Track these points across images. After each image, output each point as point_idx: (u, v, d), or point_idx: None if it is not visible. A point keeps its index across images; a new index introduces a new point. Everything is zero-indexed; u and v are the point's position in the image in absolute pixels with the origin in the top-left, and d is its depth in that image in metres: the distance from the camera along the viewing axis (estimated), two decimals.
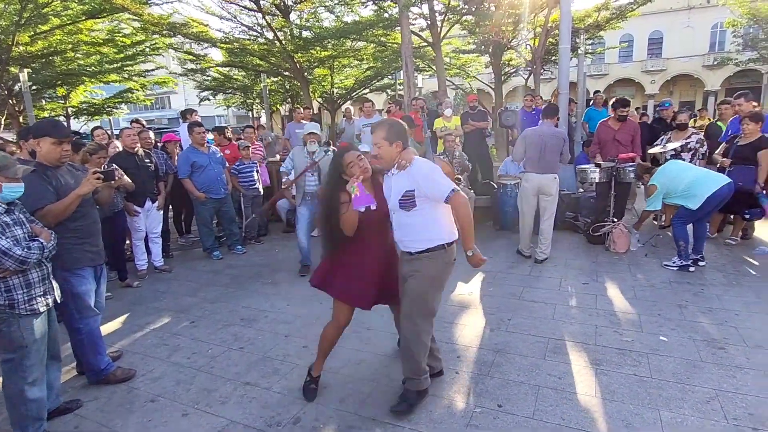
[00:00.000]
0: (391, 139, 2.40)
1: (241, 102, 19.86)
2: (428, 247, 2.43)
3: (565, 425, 2.39)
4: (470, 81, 17.58)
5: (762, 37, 21.15)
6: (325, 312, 3.95)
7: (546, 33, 11.06)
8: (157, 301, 4.48)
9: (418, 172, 2.37)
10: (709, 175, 4.58)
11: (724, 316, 3.54)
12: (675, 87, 32.79)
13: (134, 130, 5.19)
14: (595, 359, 3.02)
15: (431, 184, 2.35)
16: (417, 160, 2.43)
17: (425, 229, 2.43)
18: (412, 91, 8.75)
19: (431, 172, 2.38)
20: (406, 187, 2.39)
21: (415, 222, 2.42)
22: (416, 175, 2.37)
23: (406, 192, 2.38)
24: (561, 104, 6.64)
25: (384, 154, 2.43)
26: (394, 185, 2.45)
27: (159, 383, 3.02)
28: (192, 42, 12.50)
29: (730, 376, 2.75)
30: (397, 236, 2.54)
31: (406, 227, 2.46)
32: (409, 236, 2.47)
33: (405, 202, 2.39)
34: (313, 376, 2.81)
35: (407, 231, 2.46)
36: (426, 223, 2.42)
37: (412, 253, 2.48)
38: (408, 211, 2.41)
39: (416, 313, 2.48)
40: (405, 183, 2.40)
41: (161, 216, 5.35)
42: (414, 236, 2.45)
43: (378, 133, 2.42)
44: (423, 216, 2.40)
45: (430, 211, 2.41)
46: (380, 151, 2.42)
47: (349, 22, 11.56)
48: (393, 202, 2.46)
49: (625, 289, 4.18)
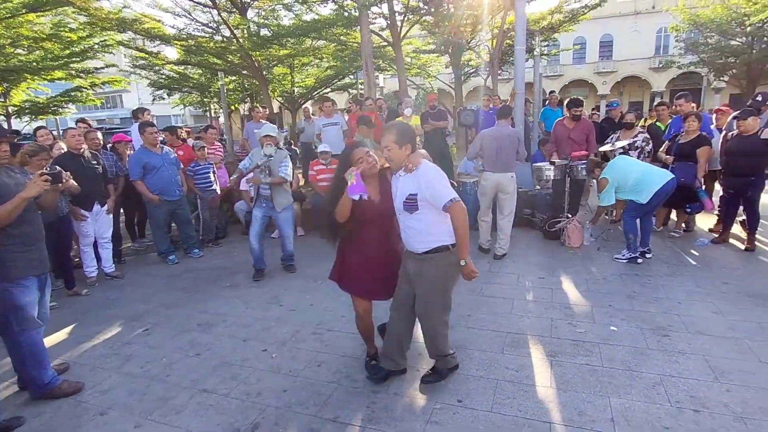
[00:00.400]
0: (400, 142, 2.46)
1: (198, 101, 19.25)
2: (434, 247, 2.51)
3: (522, 416, 2.46)
4: (431, 81, 17.80)
5: (702, 42, 22.49)
6: (285, 314, 3.92)
7: (503, 34, 11.35)
8: (108, 309, 4.28)
9: (423, 177, 2.43)
10: (656, 170, 4.83)
11: (668, 305, 3.74)
12: (625, 88, 34.42)
13: (79, 131, 4.91)
14: (550, 351, 3.11)
15: (432, 191, 2.41)
16: (425, 164, 2.49)
17: (428, 231, 2.50)
18: (372, 90, 8.76)
19: (435, 178, 2.43)
20: (410, 191, 2.46)
21: (417, 225, 2.50)
22: (421, 180, 2.43)
23: (409, 195, 2.46)
24: (517, 104, 6.84)
25: (393, 157, 2.49)
26: (400, 187, 2.53)
27: (109, 395, 2.89)
28: (144, 39, 12.01)
29: (673, 362, 2.90)
30: (403, 237, 2.63)
31: (410, 229, 2.55)
32: (414, 237, 2.54)
33: (408, 205, 2.47)
34: (370, 354, 2.98)
35: (411, 233, 2.55)
36: (428, 226, 2.49)
37: (418, 253, 2.56)
38: (411, 214, 2.48)
39: (430, 312, 2.62)
40: (410, 186, 2.47)
41: (111, 220, 5.11)
42: (418, 237, 2.53)
43: (388, 137, 2.48)
44: (425, 219, 2.48)
45: (432, 215, 2.47)
46: (390, 153, 2.49)
47: (308, 20, 11.43)
48: (398, 203, 2.54)
49: (579, 282, 4.34)
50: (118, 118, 38.03)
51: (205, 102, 19.14)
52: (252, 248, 4.83)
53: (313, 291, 4.44)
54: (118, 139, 6.18)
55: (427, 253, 2.52)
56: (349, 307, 3.95)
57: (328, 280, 2.97)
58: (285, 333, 3.58)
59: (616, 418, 2.40)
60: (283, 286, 4.62)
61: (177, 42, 11.54)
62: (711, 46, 22.03)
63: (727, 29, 20.63)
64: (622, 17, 32.49)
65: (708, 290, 3.99)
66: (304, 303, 4.16)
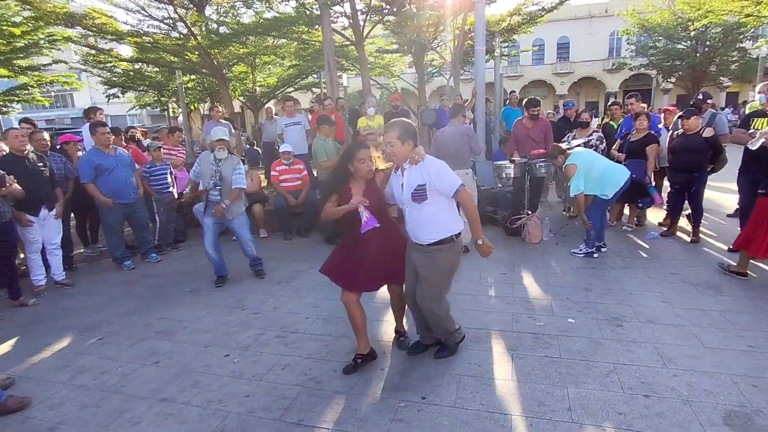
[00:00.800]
0: (403, 138, 2.61)
1: (155, 100, 18.55)
2: (440, 239, 2.67)
3: (484, 410, 2.51)
4: (394, 80, 17.88)
5: (651, 45, 23.64)
6: (248, 318, 3.85)
7: (464, 35, 11.53)
8: (59, 320, 4.06)
9: (430, 168, 2.61)
10: (617, 166, 5.01)
11: (621, 296, 3.91)
12: (581, 88, 35.76)
13: (23, 131, 4.65)
14: (511, 345, 3.19)
15: (441, 179, 2.60)
16: (428, 157, 2.69)
17: (435, 220, 2.66)
18: (335, 90, 8.71)
19: (441, 167, 2.65)
20: (418, 182, 2.61)
21: (425, 214, 2.66)
22: (429, 170, 2.60)
23: (418, 186, 2.61)
24: (478, 103, 6.97)
25: (397, 152, 2.64)
26: (407, 180, 2.66)
27: (60, 409, 2.74)
28: (95, 35, 11.47)
29: (626, 350, 3.04)
30: (410, 228, 2.76)
31: (417, 219, 2.69)
32: (421, 228, 2.69)
33: (417, 195, 2.62)
34: (363, 354, 2.99)
35: (419, 223, 2.69)
36: (436, 215, 2.66)
37: (425, 244, 2.70)
38: (419, 204, 2.63)
39: (430, 299, 2.79)
40: (417, 178, 2.62)
41: (60, 225, 4.85)
42: (425, 228, 2.68)
43: (391, 133, 2.62)
44: (433, 208, 2.64)
45: (439, 203, 2.65)
46: (393, 149, 2.63)
47: (269, 18, 11.23)
48: (406, 195, 2.66)
49: (538, 276, 4.47)
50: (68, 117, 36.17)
51: (162, 101, 18.46)
52: (210, 258, 4.64)
53: (277, 294, 4.38)
54: (65, 139, 5.87)
55: (434, 245, 2.68)
56: (314, 308, 3.95)
57: (292, 282, 2.94)
58: (248, 337, 3.51)
59: (573, 406, 2.49)
60: (246, 290, 4.52)
61: (131, 39, 11.09)
62: (659, 50, 23.22)
63: (673, 34, 21.79)
64: (578, 20, 33.73)
65: (657, 281, 4.20)
66: (268, 306, 4.09)
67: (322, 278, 4.63)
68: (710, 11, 14.65)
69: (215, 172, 4.44)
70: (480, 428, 2.36)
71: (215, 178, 4.43)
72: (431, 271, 2.73)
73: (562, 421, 2.38)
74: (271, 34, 11.28)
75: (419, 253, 2.76)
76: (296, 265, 5.16)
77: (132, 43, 11.35)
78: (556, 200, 7.73)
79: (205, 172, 4.48)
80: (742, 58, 22.27)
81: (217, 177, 4.44)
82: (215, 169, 4.45)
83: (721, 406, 2.44)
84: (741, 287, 3.97)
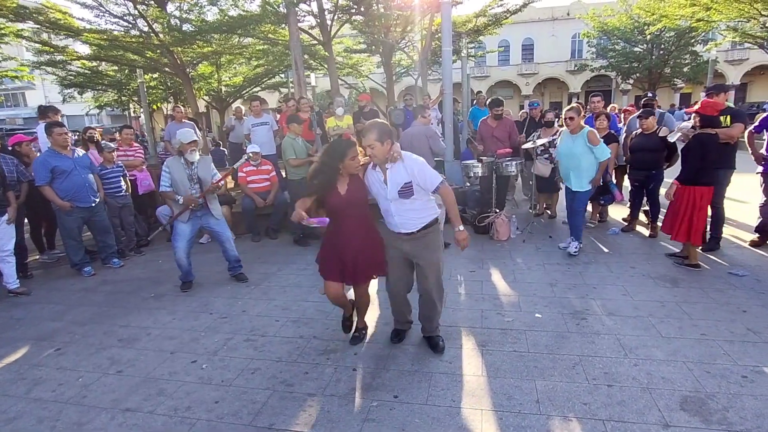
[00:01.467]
0: (381, 139, 2.71)
1: (115, 100, 17.87)
2: (427, 223, 2.89)
3: (455, 406, 2.54)
4: (363, 80, 17.86)
5: (610, 48, 24.54)
6: (215, 323, 3.77)
7: (430, 35, 11.63)
8: (12, 330, 3.86)
9: (413, 166, 2.76)
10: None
11: (585, 290, 4.04)
12: (545, 89, 36.76)
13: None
14: (481, 341, 3.25)
15: (424, 177, 2.76)
16: (408, 154, 2.82)
17: (424, 210, 2.88)
18: (303, 89, 8.63)
19: (423, 166, 2.80)
20: (404, 180, 2.76)
21: (415, 207, 2.84)
22: (413, 168, 2.76)
23: (404, 184, 2.76)
24: (446, 103, 7.05)
25: (377, 153, 2.74)
26: (392, 178, 2.79)
27: (15, 424, 2.60)
28: (49, 31, 10.95)
29: (590, 342, 3.14)
30: (397, 221, 2.88)
31: (408, 212, 2.85)
32: (411, 219, 2.86)
33: (404, 192, 2.77)
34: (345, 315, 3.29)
35: (410, 215, 2.86)
36: (423, 206, 2.88)
37: (413, 232, 2.88)
38: (407, 200, 2.80)
39: (438, 287, 3.01)
40: (403, 176, 2.76)
41: (14, 230, 4.59)
42: (415, 218, 2.86)
43: (369, 136, 2.71)
44: (420, 201, 2.85)
45: (424, 197, 2.87)
46: (374, 151, 2.73)
47: (234, 15, 11.01)
48: (392, 193, 2.79)
49: (506, 273, 4.57)
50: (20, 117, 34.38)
51: (123, 101, 17.81)
52: (181, 264, 4.44)
53: (245, 296, 4.30)
54: (16, 140, 5.54)
55: (424, 229, 2.88)
56: (283, 311, 3.91)
57: (261, 285, 2.93)
58: (216, 342, 3.43)
59: (541, 399, 2.56)
60: (212, 294, 4.42)
61: (88, 35, 10.63)
62: (618, 52, 24.16)
63: (630, 37, 22.72)
64: (541, 22, 34.65)
65: (618, 274, 4.37)
66: (236, 309, 4.01)
67: (292, 280, 4.63)
68: (664, 16, 15.35)
69: (191, 177, 4.28)
70: (451, 424, 2.39)
71: (192, 182, 4.28)
72: (428, 253, 2.93)
73: (530, 414, 2.44)
74: (236, 33, 11.05)
75: (410, 242, 2.91)
76: (265, 267, 5.08)
77: (89, 40, 10.89)
78: (522, 198, 7.91)
79: (180, 179, 4.26)
80: (694, 60, 23.47)
81: (194, 181, 4.29)
82: (190, 173, 4.29)
83: (677, 392, 2.55)
84: (695, 279, 4.17)
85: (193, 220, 4.40)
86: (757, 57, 29.29)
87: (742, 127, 4.68)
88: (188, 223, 4.36)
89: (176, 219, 4.36)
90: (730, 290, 3.90)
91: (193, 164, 4.32)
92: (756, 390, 2.54)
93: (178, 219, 4.36)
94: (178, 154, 4.37)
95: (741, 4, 12.77)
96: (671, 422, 2.32)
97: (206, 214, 4.46)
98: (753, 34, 15.47)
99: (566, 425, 2.34)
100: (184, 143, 4.28)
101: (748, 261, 4.56)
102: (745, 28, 15.44)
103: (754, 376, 2.68)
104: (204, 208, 4.44)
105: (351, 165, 2.81)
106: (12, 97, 37.41)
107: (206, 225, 4.51)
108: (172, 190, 4.30)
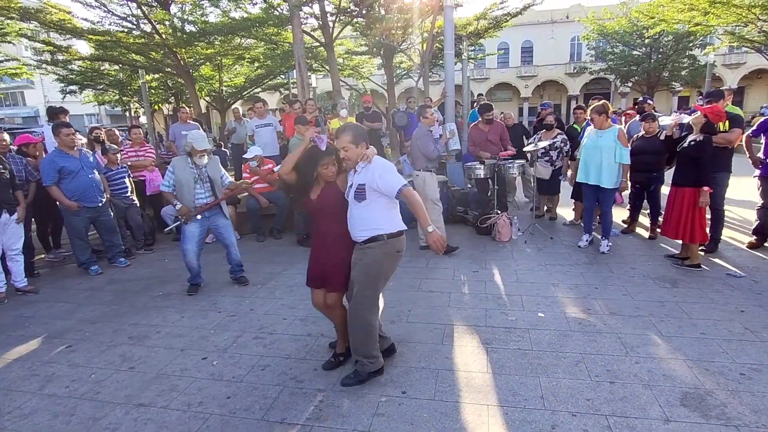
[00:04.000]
0: (356, 141, 2.65)
1: (116, 99, 17.90)
2: (371, 236, 2.68)
3: (462, 401, 2.61)
4: (364, 82, 17.94)
5: (609, 51, 24.67)
6: (224, 321, 3.83)
7: (432, 38, 11.71)
8: (22, 328, 3.91)
9: (375, 168, 2.64)
10: None
11: (586, 290, 4.12)
12: (545, 91, 36.89)
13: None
14: (485, 339, 3.32)
15: (382, 181, 2.60)
16: (377, 158, 2.71)
17: (371, 219, 2.67)
18: (306, 90, 8.70)
19: (385, 169, 2.65)
20: (360, 181, 2.65)
21: (363, 213, 2.67)
22: (374, 171, 2.63)
23: (359, 185, 2.65)
24: (448, 105, 7.13)
25: (351, 156, 2.67)
26: (355, 179, 2.69)
27: (31, 419, 2.66)
28: (51, 31, 10.99)
29: (592, 341, 3.22)
30: (349, 226, 2.75)
31: (355, 218, 2.70)
32: (357, 227, 2.70)
33: (357, 194, 2.65)
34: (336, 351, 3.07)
35: (356, 221, 2.70)
36: (372, 215, 2.67)
37: (359, 242, 2.73)
38: (359, 203, 2.66)
39: (359, 298, 2.72)
40: (362, 177, 2.66)
41: (22, 230, 4.65)
42: (360, 226, 2.69)
43: (344, 138, 2.64)
44: (371, 208, 2.66)
45: (378, 204, 2.66)
46: (347, 153, 2.66)
47: (237, 18, 11.07)
48: (350, 194, 2.70)
49: (509, 273, 4.64)
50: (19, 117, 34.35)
51: (124, 101, 17.84)
52: (191, 267, 4.43)
53: (252, 295, 4.36)
54: (24, 141, 5.59)
55: (366, 242, 2.69)
56: (290, 309, 3.98)
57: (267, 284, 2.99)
58: (225, 340, 3.49)
59: (545, 395, 2.63)
60: (220, 293, 4.48)
61: (91, 36, 10.68)
62: (616, 55, 24.28)
63: (629, 40, 22.86)
64: (540, 25, 34.80)
65: (618, 275, 4.45)
66: (244, 308, 4.08)
67: (297, 280, 4.69)
68: (663, 20, 15.47)
69: (197, 178, 4.31)
70: (458, 419, 2.46)
71: (201, 182, 4.31)
72: (359, 268, 2.70)
73: (535, 409, 2.51)
74: (239, 34, 11.12)
75: (355, 252, 2.76)
76: (270, 267, 5.15)
77: (92, 41, 10.94)
78: (524, 200, 7.99)
79: (185, 180, 4.27)
80: (692, 64, 23.63)
81: (204, 181, 4.33)
82: (197, 174, 4.31)
83: (677, 389, 2.63)
84: (693, 280, 4.26)
85: (201, 220, 4.38)
86: (754, 61, 29.51)
87: (740, 132, 4.78)
88: (197, 223, 4.36)
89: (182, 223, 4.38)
90: (728, 291, 3.98)
91: (202, 167, 4.35)
92: (753, 387, 2.62)
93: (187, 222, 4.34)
94: (187, 155, 4.39)
95: (739, 9, 12.89)
96: (672, 417, 2.39)
97: (215, 214, 4.47)
98: (751, 39, 15.62)
99: (570, 420, 2.41)
100: (196, 149, 4.27)
101: (745, 263, 4.65)
102: (742, 33, 15.58)
103: (751, 373, 2.75)
104: (215, 208, 4.47)
105: (324, 173, 2.76)
106: (11, 97, 37.35)
107: (214, 225, 4.52)
108: (171, 192, 4.31)
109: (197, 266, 4.47)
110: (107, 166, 5.65)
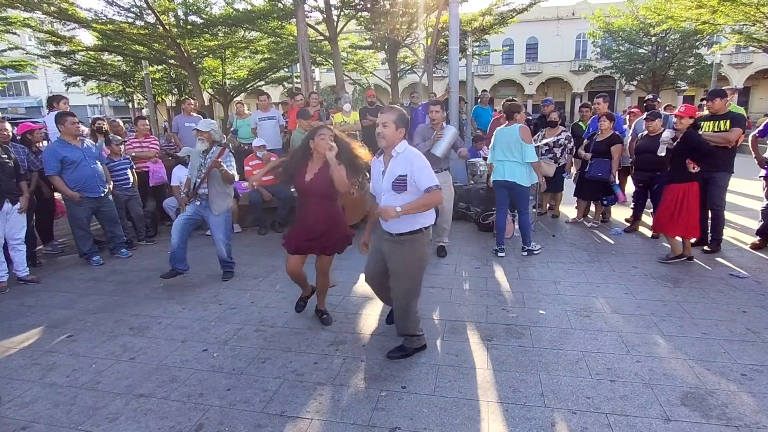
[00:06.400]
0: (398, 123, 2.67)
1: (120, 90, 17.88)
2: (410, 230, 2.70)
3: (462, 397, 2.61)
4: (367, 76, 17.88)
5: (614, 49, 24.50)
6: (225, 313, 3.83)
7: (437, 33, 11.64)
8: (24, 317, 3.92)
9: (415, 161, 2.65)
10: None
11: (588, 288, 4.11)
12: (549, 89, 36.71)
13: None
14: (486, 335, 3.31)
15: (420, 174, 2.62)
16: (415, 150, 2.73)
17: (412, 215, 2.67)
18: (309, 84, 8.67)
19: (425, 164, 2.67)
20: (400, 172, 2.64)
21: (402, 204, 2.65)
22: (413, 163, 2.64)
23: (399, 176, 2.64)
24: (452, 101, 7.09)
25: (388, 135, 2.66)
26: (391, 168, 2.70)
27: (31, 408, 2.67)
28: (55, 21, 10.96)
29: (593, 339, 3.21)
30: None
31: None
32: (397, 220, 2.65)
33: (397, 185, 2.65)
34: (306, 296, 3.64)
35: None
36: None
37: (393, 234, 2.75)
38: (398, 194, 2.66)
39: (404, 294, 2.83)
40: (400, 167, 2.65)
41: (24, 219, 4.65)
42: (400, 218, 2.64)
43: (388, 115, 2.67)
44: (409, 199, 2.65)
45: (415, 196, 2.67)
46: (386, 130, 2.66)
47: (240, 10, 11.02)
48: (386, 183, 2.71)
49: (510, 270, 4.63)
50: (22, 107, 34.38)
51: (127, 92, 17.82)
52: (173, 243, 4.38)
53: (254, 288, 4.36)
54: (26, 128, 5.56)
55: (403, 235, 2.72)
56: (291, 303, 3.97)
57: (268, 277, 3.03)
58: (226, 332, 3.50)
59: (546, 392, 2.62)
60: (221, 285, 4.48)
61: (94, 26, 10.65)
62: (622, 53, 24.12)
63: (635, 38, 22.67)
64: (546, 22, 34.60)
65: (620, 273, 4.43)
66: (245, 301, 4.08)
67: None
68: (670, 17, 15.35)
69: (201, 166, 4.32)
70: (458, 414, 2.46)
71: (202, 171, 4.31)
72: (402, 261, 2.77)
73: (535, 406, 2.50)
74: (243, 26, 11.08)
75: (390, 243, 2.80)
76: (272, 260, 5.15)
77: (95, 30, 10.90)
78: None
79: (194, 167, 4.40)
80: (698, 63, 23.46)
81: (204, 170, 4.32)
82: (201, 162, 4.33)
83: (678, 388, 2.62)
84: (696, 280, 4.24)
85: (197, 207, 4.42)
86: (760, 61, 29.34)
87: (740, 132, 4.74)
88: (191, 205, 4.43)
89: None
90: (730, 291, 3.96)
91: (205, 153, 4.34)
92: (754, 387, 2.61)
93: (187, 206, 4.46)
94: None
95: (747, 8, 12.78)
96: (672, 416, 2.38)
97: (205, 208, 4.45)
98: (758, 38, 15.49)
99: (570, 417, 2.40)
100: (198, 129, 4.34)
101: (748, 263, 4.63)
102: (750, 32, 15.46)
103: (753, 374, 2.75)
104: (205, 199, 4.42)
105: (320, 144, 2.95)
106: (14, 86, 37.36)
107: (206, 216, 4.50)
108: (178, 185, 4.50)
109: (177, 245, 4.38)
110: (110, 156, 5.64)
